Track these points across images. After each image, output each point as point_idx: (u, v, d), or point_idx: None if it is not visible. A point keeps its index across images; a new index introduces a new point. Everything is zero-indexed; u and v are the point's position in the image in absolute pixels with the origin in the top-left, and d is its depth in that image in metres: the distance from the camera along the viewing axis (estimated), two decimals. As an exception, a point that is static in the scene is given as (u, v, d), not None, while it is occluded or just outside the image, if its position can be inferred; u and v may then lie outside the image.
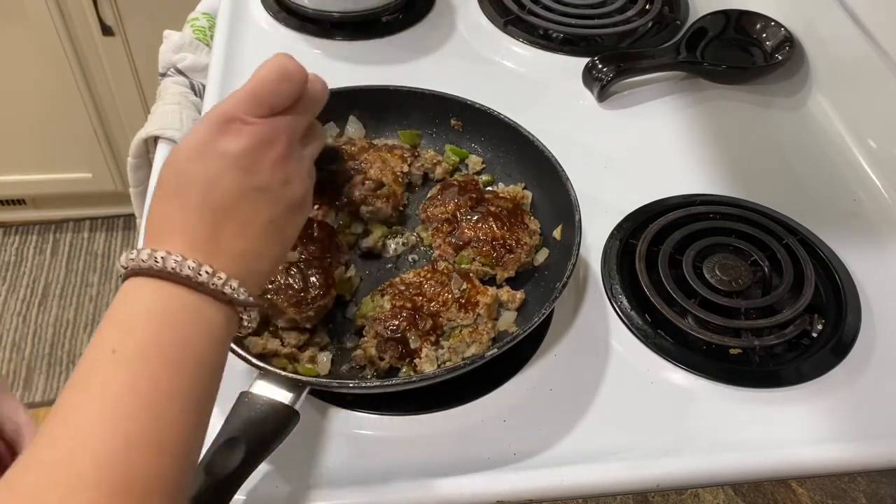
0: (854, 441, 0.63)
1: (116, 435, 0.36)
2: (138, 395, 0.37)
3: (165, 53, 0.99)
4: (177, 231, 0.43)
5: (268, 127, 0.45)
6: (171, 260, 0.41)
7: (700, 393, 0.65)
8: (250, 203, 0.45)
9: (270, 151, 0.45)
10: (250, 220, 0.45)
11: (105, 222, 2.10)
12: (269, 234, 0.46)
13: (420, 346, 0.62)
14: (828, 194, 0.85)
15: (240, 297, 0.43)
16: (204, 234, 0.43)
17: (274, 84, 0.45)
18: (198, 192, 0.43)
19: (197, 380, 0.40)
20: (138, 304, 0.41)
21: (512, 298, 0.67)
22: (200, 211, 0.43)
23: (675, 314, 0.69)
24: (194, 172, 0.43)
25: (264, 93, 0.45)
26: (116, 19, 1.63)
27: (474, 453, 0.60)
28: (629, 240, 0.75)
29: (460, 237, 0.70)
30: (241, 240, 0.45)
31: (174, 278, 0.41)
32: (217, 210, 0.44)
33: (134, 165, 0.97)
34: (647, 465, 0.60)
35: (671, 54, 0.97)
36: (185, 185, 0.43)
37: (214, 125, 0.44)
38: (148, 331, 0.40)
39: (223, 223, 0.44)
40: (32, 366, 1.80)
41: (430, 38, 1.01)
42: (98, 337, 0.40)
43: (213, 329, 0.43)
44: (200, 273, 0.42)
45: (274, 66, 0.45)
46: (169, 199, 0.44)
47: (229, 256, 0.44)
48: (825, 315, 0.71)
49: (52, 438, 0.37)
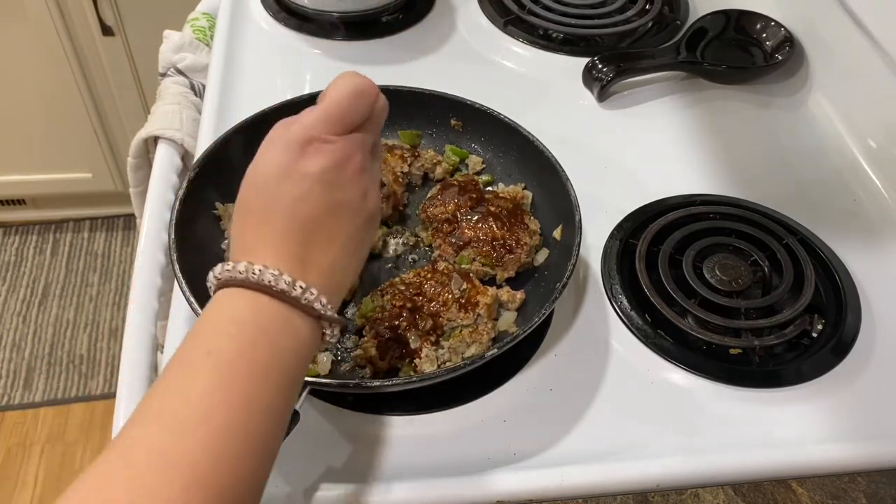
0: (854, 441, 0.63)
1: (207, 433, 0.37)
2: (230, 398, 0.39)
3: (165, 53, 0.99)
4: (268, 247, 0.44)
5: (346, 144, 0.46)
6: (269, 273, 0.42)
7: (700, 393, 0.65)
8: (334, 217, 0.46)
9: (349, 167, 0.46)
10: (335, 234, 0.46)
11: (105, 222, 2.10)
12: (351, 247, 0.48)
13: (420, 346, 0.62)
14: (828, 194, 0.85)
15: (327, 313, 0.44)
16: (294, 250, 0.44)
17: (349, 102, 0.46)
18: (286, 211, 0.44)
19: (283, 390, 0.42)
20: (234, 313, 0.42)
21: (512, 298, 0.67)
22: (290, 228, 0.45)
23: (675, 314, 0.69)
24: (281, 192, 0.45)
25: (341, 112, 0.46)
26: (116, 19, 1.63)
27: (474, 453, 0.60)
28: (629, 240, 0.75)
29: (460, 237, 0.70)
30: (327, 254, 0.46)
31: (269, 291, 0.42)
32: (305, 227, 0.45)
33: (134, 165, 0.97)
34: (647, 465, 0.60)
35: (671, 54, 0.97)
36: (272, 204, 0.45)
37: (294, 146, 0.45)
38: (244, 338, 0.41)
39: (311, 239, 0.45)
40: (32, 366, 1.80)
41: (430, 38, 1.01)
42: (191, 339, 0.41)
43: (301, 343, 0.44)
44: (295, 287, 0.43)
45: (348, 85, 0.46)
46: (255, 218, 0.45)
47: (318, 271, 0.45)
48: (825, 315, 0.71)
49: (145, 427, 0.38)
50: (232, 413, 0.38)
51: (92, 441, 1.67)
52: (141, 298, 0.71)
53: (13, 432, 1.68)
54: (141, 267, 0.73)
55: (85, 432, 1.69)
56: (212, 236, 0.69)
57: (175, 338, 0.66)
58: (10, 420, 1.70)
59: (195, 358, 0.40)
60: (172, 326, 0.67)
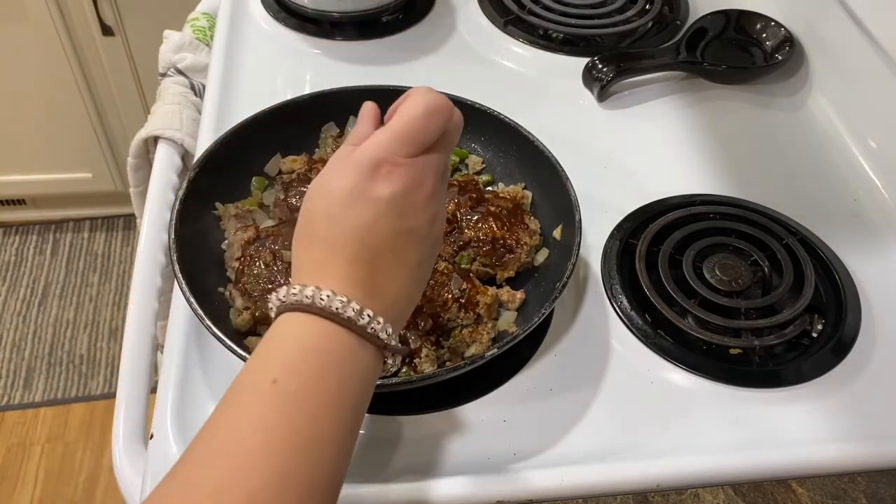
0: (854, 441, 0.63)
1: (273, 469, 0.35)
2: (296, 431, 0.37)
3: (165, 53, 0.99)
4: (336, 274, 0.42)
5: (418, 167, 0.44)
6: (337, 300, 0.41)
7: (700, 393, 0.65)
8: (403, 245, 0.44)
9: (421, 191, 0.44)
10: (403, 262, 0.45)
11: (105, 222, 2.10)
12: (417, 275, 0.46)
13: (420, 346, 0.62)
14: (828, 194, 0.85)
15: (392, 343, 0.43)
16: (362, 278, 0.43)
17: (423, 121, 0.44)
18: (355, 237, 0.43)
19: (347, 422, 0.40)
20: (300, 340, 0.41)
21: (512, 298, 0.67)
22: (358, 255, 0.43)
23: (675, 314, 0.69)
24: (350, 218, 0.43)
25: (415, 132, 0.44)
26: (116, 19, 1.63)
27: (474, 453, 0.60)
28: (629, 240, 0.75)
29: (460, 237, 0.70)
30: (394, 282, 0.44)
31: (336, 319, 0.41)
32: (373, 254, 0.43)
33: (134, 165, 0.97)
34: (647, 465, 0.60)
35: (671, 54, 0.97)
36: (341, 229, 0.43)
37: (366, 170, 0.43)
38: (311, 367, 0.39)
39: (378, 266, 0.44)
40: (32, 366, 1.80)
41: (430, 38, 1.01)
42: (255, 365, 0.40)
43: (366, 372, 0.42)
44: (362, 316, 0.41)
45: (422, 103, 0.44)
46: (322, 242, 0.44)
47: (383, 299, 0.44)
48: (825, 315, 0.71)
49: (207, 462, 0.36)
50: (299, 448, 0.37)
51: (92, 441, 1.67)
52: (141, 298, 0.71)
53: (13, 432, 1.68)
54: (141, 267, 0.73)
55: (85, 432, 1.69)
56: (212, 237, 0.69)
57: (175, 338, 0.66)
58: (10, 420, 1.70)
59: (259, 385, 0.39)
60: (172, 326, 0.67)
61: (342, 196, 0.43)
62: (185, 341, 0.65)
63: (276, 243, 0.66)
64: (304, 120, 0.76)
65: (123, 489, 0.60)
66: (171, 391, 0.62)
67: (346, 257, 0.43)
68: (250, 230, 0.68)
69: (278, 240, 0.66)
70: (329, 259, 0.43)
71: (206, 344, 0.65)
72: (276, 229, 0.68)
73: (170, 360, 0.64)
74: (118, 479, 0.60)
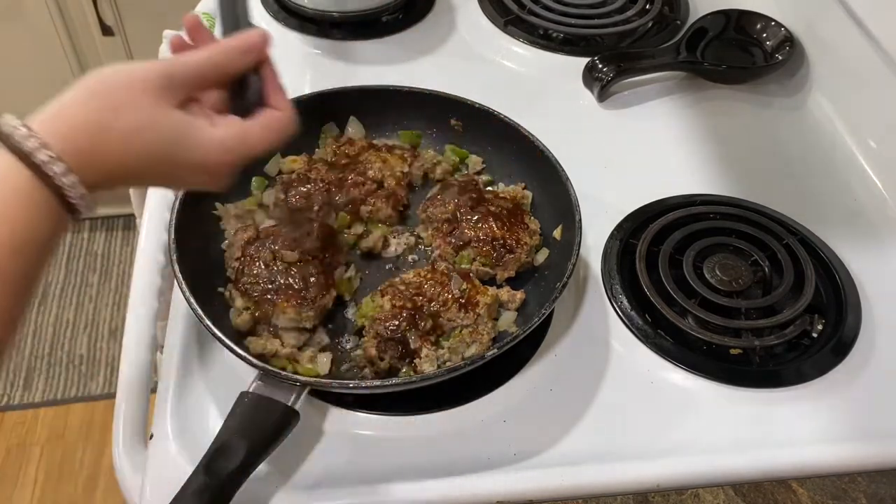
0: (854, 441, 0.63)
1: None
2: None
3: (165, 53, 0.99)
4: (60, 127, 0.44)
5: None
6: (20, 131, 0.41)
7: (700, 393, 0.65)
8: (141, 140, 0.46)
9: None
10: (138, 150, 0.46)
11: (105, 222, 2.10)
12: (148, 162, 0.47)
13: (420, 346, 0.62)
14: (828, 194, 0.85)
15: (72, 192, 0.42)
16: (81, 135, 0.44)
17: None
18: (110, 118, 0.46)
19: (4, 264, 0.40)
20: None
21: (512, 298, 0.67)
22: (90, 124, 0.45)
23: (675, 314, 0.69)
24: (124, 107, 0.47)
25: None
26: (116, 19, 1.62)
27: (474, 453, 0.60)
28: (629, 240, 0.75)
29: (460, 237, 0.70)
30: (114, 158, 0.45)
31: (17, 151, 0.41)
32: (106, 133, 0.45)
33: (134, 165, 0.97)
34: (647, 465, 0.60)
35: (671, 54, 0.97)
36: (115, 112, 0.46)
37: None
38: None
39: (107, 143, 0.45)
40: (32, 366, 1.80)
41: (430, 38, 1.00)
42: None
43: (39, 221, 0.42)
44: (41, 153, 0.41)
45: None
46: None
47: (93, 164, 0.44)
48: (825, 315, 0.71)
49: None
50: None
51: (92, 441, 1.67)
52: (141, 298, 0.71)
53: (13, 432, 1.68)
54: (141, 267, 0.73)
55: (85, 432, 1.68)
56: (212, 236, 0.69)
57: (175, 338, 0.66)
58: (10, 420, 1.70)
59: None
60: (172, 326, 0.67)
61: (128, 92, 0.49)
62: (185, 341, 0.65)
63: (276, 243, 0.66)
64: (304, 120, 0.76)
65: (123, 489, 0.60)
66: (171, 391, 0.62)
67: (79, 119, 0.45)
68: (250, 230, 0.68)
69: (278, 240, 0.66)
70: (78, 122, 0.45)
71: (206, 344, 0.65)
72: (275, 229, 0.68)
73: (170, 360, 0.64)
74: (118, 479, 0.60)
